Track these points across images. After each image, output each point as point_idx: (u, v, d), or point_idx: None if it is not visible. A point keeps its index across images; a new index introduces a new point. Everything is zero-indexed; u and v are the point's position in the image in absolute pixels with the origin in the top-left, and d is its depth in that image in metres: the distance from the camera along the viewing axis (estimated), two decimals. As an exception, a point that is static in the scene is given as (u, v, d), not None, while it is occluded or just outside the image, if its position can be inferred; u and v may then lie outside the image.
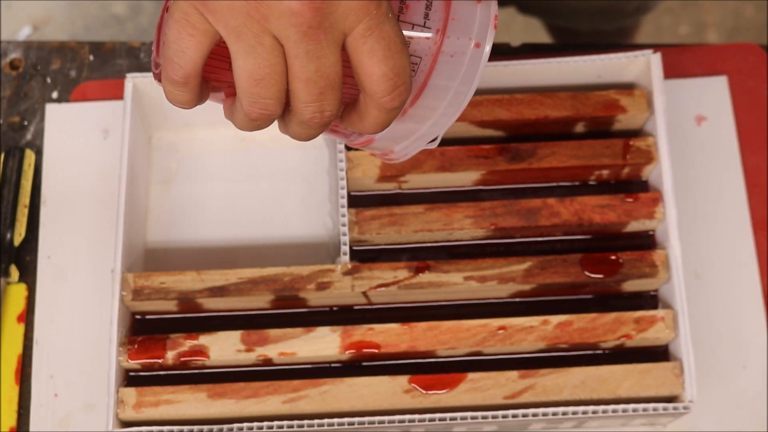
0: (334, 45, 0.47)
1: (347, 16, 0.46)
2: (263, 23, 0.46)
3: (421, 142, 0.55)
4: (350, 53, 0.48)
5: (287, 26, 0.46)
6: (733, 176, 0.76)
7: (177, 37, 0.48)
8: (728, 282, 0.74)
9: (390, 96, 0.49)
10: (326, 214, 0.75)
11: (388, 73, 0.48)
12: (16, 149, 0.76)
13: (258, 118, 0.50)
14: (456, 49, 0.51)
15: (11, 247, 0.74)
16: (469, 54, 0.51)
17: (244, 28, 0.46)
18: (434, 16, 0.51)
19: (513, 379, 0.66)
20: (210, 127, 0.77)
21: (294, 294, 0.68)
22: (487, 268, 0.68)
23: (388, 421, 0.65)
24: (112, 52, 0.80)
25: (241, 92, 0.48)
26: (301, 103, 0.49)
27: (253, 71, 0.47)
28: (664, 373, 0.66)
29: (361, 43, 0.47)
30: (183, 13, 0.47)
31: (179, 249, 0.74)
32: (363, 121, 0.51)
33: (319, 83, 0.48)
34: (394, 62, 0.48)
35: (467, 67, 0.51)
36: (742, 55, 0.79)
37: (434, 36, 0.51)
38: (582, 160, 0.71)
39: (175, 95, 0.50)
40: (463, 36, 0.51)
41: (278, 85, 0.48)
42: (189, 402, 0.66)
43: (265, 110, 0.49)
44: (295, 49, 0.47)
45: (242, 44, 0.47)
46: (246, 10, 0.46)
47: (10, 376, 0.72)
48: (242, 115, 0.50)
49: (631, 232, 0.72)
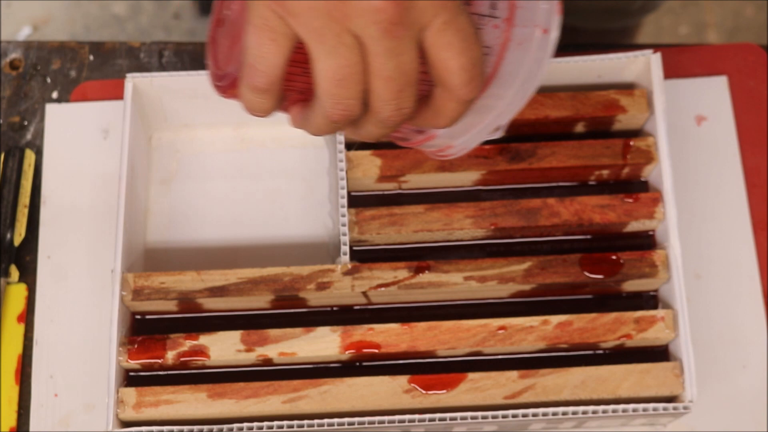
0: (413, 41, 0.47)
1: (426, 11, 0.46)
2: (344, 22, 0.46)
3: (483, 135, 0.55)
4: (427, 47, 0.48)
5: (369, 24, 0.46)
6: (733, 176, 0.76)
7: (258, 42, 0.47)
8: (728, 282, 0.74)
9: (468, 88, 0.49)
10: (326, 214, 0.75)
11: (466, 64, 0.48)
12: (16, 149, 0.76)
13: (339, 119, 0.49)
14: (523, 37, 0.52)
15: (11, 247, 0.74)
16: (537, 41, 0.52)
17: (325, 29, 0.46)
18: (500, 6, 0.52)
19: (513, 379, 0.66)
20: (210, 127, 0.77)
21: (294, 294, 0.68)
22: (487, 268, 0.68)
23: (388, 421, 0.65)
24: (112, 52, 0.80)
25: (323, 94, 0.48)
26: (380, 101, 0.48)
27: (335, 71, 0.47)
28: (664, 373, 0.66)
29: (438, 36, 0.47)
30: (263, 18, 0.47)
31: (179, 249, 0.74)
32: (438, 115, 0.51)
33: (398, 80, 0.48)
34: (471, 54, 0.48)
35: (535, 55, 0.52)
36: (742, 55, 0.79)
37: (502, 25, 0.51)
38: (582, 160, 0.71)
39: (256, 103, 0.50)
40: (530, 23, 0.51)
41: (360, 85, 0.48)
42: (189, 402, 0.66)
43: (347, 110, 0.49)
44: (376, 47, 0.46)
45: (324, 45, 0.46)
46: (327, 10, 0.46)
47: (10, 376, 0.72)
48: (321, 118, 0.50)
49: (631, 232, 0.72)
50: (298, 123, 0.53)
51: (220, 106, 0.75)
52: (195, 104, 0.75)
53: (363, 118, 0.50)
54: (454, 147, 0.56)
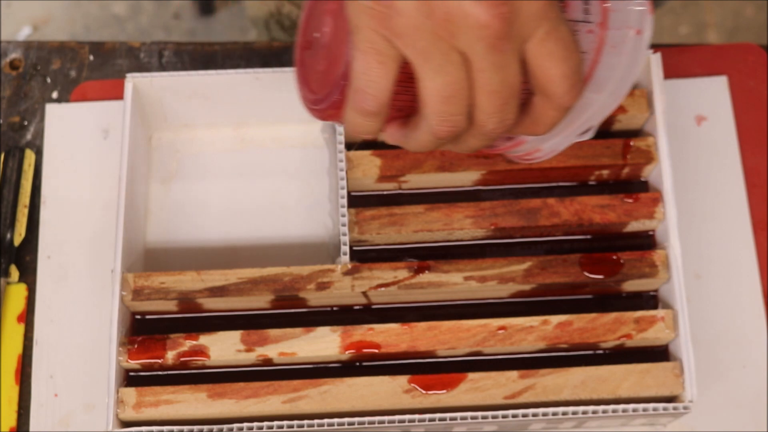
0: (516, 53, 0.47)
1: (529, 23, 0.47)
2: (450, 41, 0.46)
3: (573, 137, 0.56)
4: (529, 58, 0.48)
5: (475, 40, 0.46)
6: (733, 176, 0.76)
7: (366, 67, 0.48)
8: (728, 282, 0.74)
9: (569, 95, 0.49)
10: (326, 214, 0.75)
11: (567, 72, 0.49)
12: (16, 149, 0.76)
13: (446, 136, 0.50)
14: (617, 40, 0.52)
15: (11, 247, 0.74)
16: (630, 43, 0.52)
17: (431, 48, 0.46)
18: (593, 11, 0.52)
19: (513, 379, 0.66)
20: (210, 127, 0.77)
21: (294, 294, 0.68)
22: (487, 268, 0.68)
23: (388, 421, 0.65)
24: (112, 52, 0.80)
25: (430, 112, 0.49)
26: (484, 114, 0.49)
27: (442, 89, 0.48)
28: (664, 373, 0.66)
29: (540, 47, 0.48)
30: (369, 42, 0.47)
31: (179, 249, 0.74)
32: (536, 123, 0.51)
33: (503, 93, 0.48)
34: (572, 62, 0.49)
35: (629, 56, 0.52)
36: (742, 55, 0.79)
37: (596, 29, 0.52)
38: (582, 160, 0.71)
39: (365, 126, 0.51)
40: (623, 26, 0.52)
41: (466, 100, 0.48)
42: (189, 402, 0.66)
43: (453, 127, 0.49)
44: (482, 63, 0.47)
45: (430, 64, 0.47)
46: (433, 30, 0.46)
47: (10, 376, 0.72)
48: (427, 135, 0.50)
49: (631, 232, 0.72)
50: (397, 140, 0.54)
51: (220, 106, 0.75)
52: (195, 104, 0.75)
53: (466, 131, 0.51)
54: (542, 150, 0.57)
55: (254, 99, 0.74)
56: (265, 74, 0.73)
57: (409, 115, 0.53)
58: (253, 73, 0.72)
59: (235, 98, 0.74)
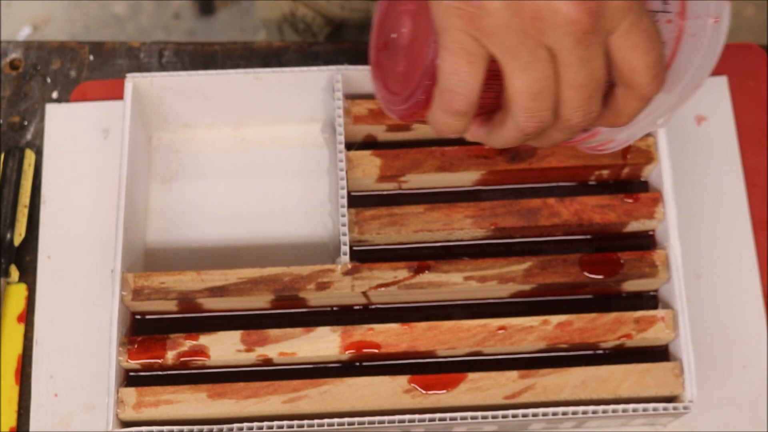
0: (602, 47, 0.48)
1: (615, 16, 0.47)
2: (538, 37, 0.47)
3: (649, 126, 0.56)
4: (613, 50, 0.49)
5: (563, 36, 0.47)
6: (733, 176, 0.76)
7: (455, 67, 0.49)
8: (728, 282, 0.74)
9: (652, 85, 0.50)
10: (326, 214, 0.75)
11: (651, 63, 0.49)
12: (16, 149, 0.76)
13: (533, 132, 0.51)
14: (696, 28, 0.53)
15: (11, 247, 0.74)
16: (709, 31, 0.53)
17: (520, 46, 0.47)
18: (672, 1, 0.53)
19: (513, 379, 0.66)
20: (210, 127, 0.77)
21: (294, 294, 0.68)
22: (487, 268, 0.68)
23: (388, 421, 0.65)
24: (112, 52, 0.80)
25: (517, 109, 0.49)
26: (570, 109, 0.50)
27: (531, 86, 0.48)
28: (664, 373, 0.66)
29: (624, 38, 0.48)
30: (457, 43, 0.48)
31: (179, 249, 0.74)
32: (618, 114, 0.52)
33: (589, 87, 0.49)
34: (655, 52, 0.49)
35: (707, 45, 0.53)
36: (742, 55, 0.79)
37: (675, 19, 0.53)
38: (582, 160, 0.71)
39: (453, 125, 0.51)
40: (702, 14, 0.52)
41: (553, 96, 0.49)
42: (189, 402, 0.66)
43: (540, 122, 0.50)
44: (570, 58, 0.48)
45: (518, 62, 0.48)
46: (522, 28, 0.47)
47: (10, 376, 0.72)
48: (513, 132, 0.51)
49: (631, 232, 0.72)
50: (480, 137, 0.54)
51: (220, 106, 0.75)
52: (195, 104, 0.75)
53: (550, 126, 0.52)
54: (616, 141, 0.58)
55: (254, 99, 0.74)
56: (265, 74, 0.73)
57: (491, 112, 0.53)
58: (253, 73, 0.72)
59: (235, 98, 0.74)
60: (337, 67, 0.73)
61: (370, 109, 0.72)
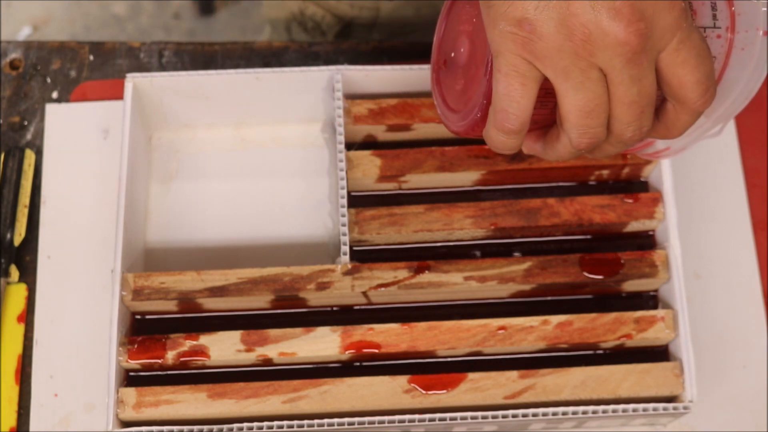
0: (652, 64, 0.50)
1: (664, 35, 0.49)
2: (589, 59, 0.49)
3: (703, 136, 0.58)
4: (663, 67, 0.50)
5: (613, 57, 0.48)
6: (733, 176, 0.76)
7: (508, 89, 0.50)
8: (728, 282, 0.74)
9: (703, 100, 0.51)
10: (326, 214, 0.75)
11: (701, 78, 0.50)
12: (16, 149, 0.76)
13: (586, 147, 0.52)
14: (746, 42, 0.54)
15: (11, 247, 0.74)
16: (759, 44, 0.54)
17: (572, 67, 0.49)
18: (721, 16, 0.54)
19: (513, 379, 0.66)
20: (210, 127, 0.77)
21: (294, 294, 0.68)
22: (487, 268, 0.68)
23: (388, 421, 0.65)
24: (112, 52, 0.80)
25: (571, 126, 0.51)
26: (622, 124, 0.51)
27: (583, 105, 0.50)
28: (664, 373, 0.66)
29: (675, 56, 0.50)
30: (511, 66, 0.50)
31: (179, 249, 0.74)
32: (670, 128, 0.53)
33: (641, 103, 0.50)
34: (705, 68, 0.50)
35: (758, 57, 0.54)
36: (742, 55, 0.79)
37: (725, 33, 0.54)
38: (582, 160, 0.71)
39: (507, 143, 0.53)
40: (751, 28, 0.54)
41: (605, 113, 0.51)
42: (189, 402, 0.66)
43: (593, 139, 0.52)
44: (620, 77, 0.49)
45: (571, 82, 0.49)
46: (573, 50, 0.48)
47: (10, 376, 0.72)
48: (567, 147, 0.53)
49: (631, 232, 0.72)
50: (535, 151, 0.56)
51: (220, 106, 0.75)
52: (195, 104, 0.75)
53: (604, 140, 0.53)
54: (671, 149, 0.60)
55: (254, 99, 0.74)
56: (265, 74, 0.73)
57: (545, 127, 0.55)
58: (253, 73, 0.73)
59: (235, 98, 0.74)
60: (337, 67, 0.73)
61: (370, 109, 0.72)
